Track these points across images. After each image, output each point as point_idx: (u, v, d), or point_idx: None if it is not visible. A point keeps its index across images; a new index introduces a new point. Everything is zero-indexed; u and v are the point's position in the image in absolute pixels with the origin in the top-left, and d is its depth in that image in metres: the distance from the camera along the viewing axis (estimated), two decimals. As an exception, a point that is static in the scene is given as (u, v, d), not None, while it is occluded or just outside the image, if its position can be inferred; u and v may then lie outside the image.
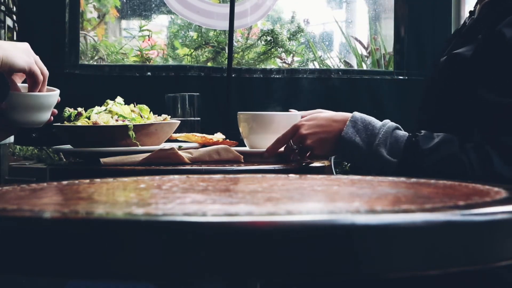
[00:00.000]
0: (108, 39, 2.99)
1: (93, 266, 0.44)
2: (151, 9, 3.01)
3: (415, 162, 1.11)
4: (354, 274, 0.46)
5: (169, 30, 3.03)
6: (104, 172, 1.26)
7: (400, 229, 0.45)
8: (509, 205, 0.53)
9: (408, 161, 1.11)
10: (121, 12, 3.05)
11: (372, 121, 1.18)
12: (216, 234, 0.43)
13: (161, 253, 0.43)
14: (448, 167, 1.09)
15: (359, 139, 1.16)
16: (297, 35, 2.70)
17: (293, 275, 0.44)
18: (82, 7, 2.64)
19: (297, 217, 0.45)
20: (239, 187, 0.72)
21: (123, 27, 3.24)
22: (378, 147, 1.13)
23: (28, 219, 0.47)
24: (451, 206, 0.52)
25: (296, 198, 0.62)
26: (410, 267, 0.46)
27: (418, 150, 1.10)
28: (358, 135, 1.17)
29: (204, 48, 2.70)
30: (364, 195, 0.62)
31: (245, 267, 0.43)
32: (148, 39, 2.75)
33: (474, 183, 0.70)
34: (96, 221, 0.46)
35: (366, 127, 1.17)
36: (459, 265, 0.48)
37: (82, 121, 1.39)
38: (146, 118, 1.39)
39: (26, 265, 0.45)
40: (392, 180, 0.81)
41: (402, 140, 1.13)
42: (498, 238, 0.49)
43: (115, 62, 2.68)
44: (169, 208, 0.51)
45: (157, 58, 2.86)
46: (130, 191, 0.70)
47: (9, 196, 0.64)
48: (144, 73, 2.35)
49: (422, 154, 1.10)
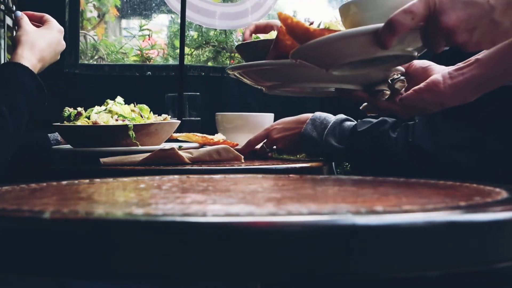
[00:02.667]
0: (108, 38, 2.99)
1: (93, 266, 0.44)
2: (151, 9, 3.00)
3: (354, 144, 1.27)
4: (354, 275, 0.45)
5: (169, 30, 3.03)
6: (104, 172, 1.26)
7: (401, 229, 0.45)
8: (511, 206, 0.52)
9: (352, 146, 1.27)
10: (121, 11, 3.04)
11: (327, 117, 1.34)
12: (216, 234, 0.43)
13: (161, 254, 0.43)
14: (378, 145, 1.23)
15: (316, 133, 1.33)
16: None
17: (294, 275, 0.44)
18: (82, 6, 2.64)
19: (298, 217, 0.45)
20: (239, 187, 0.72)
21: (123, 26, 3.23)
22: (327, 137, 1.31)
23: (28, 219, 0.47)
24: (452, 206, 0.51)
25: (297, 198, 0.62)
26: (411, 268, 0.46)
27: (355, 133, 1.27)
28: (315, 130, 1.33)
29: (204, 47, 2.70)
30: (365, 196, 0.62)
31: (245, 268, 0.43)
32: (148, 38, 2.75)
33: (476, 184, 0.70)
34: (96, 221, 0.46)
35: (321, 123, 1.33)
36: (460, 266, 0.48)
37: (82, 121, 1.39)
38: (146, 118, 1.39)
39: (26, 265, 0.45)
40: (393, 181, 0.81)
41: (348, 128, 1.30)
42: (500, 238, 0.49)
43: (115, 62, 2.68)
44: (169, 208, 0.51)
45: (157, 58, 2.86)
46: (130, 191, 0.70)
47: (8, 196, 0.64)
48: (144, 73, 2.35)
49: (359, 136, 1.26)
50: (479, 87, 0.94)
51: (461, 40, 0.79)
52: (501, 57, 0.91)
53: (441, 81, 0.94)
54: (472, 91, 0.94)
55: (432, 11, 0.78)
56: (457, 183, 0.72)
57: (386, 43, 0.80)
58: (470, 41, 0.79)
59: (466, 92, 0.94)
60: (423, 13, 0.78)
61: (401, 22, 0.78)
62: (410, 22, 0.78)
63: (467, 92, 0.94)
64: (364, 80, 1.02)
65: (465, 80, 0.93)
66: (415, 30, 0.81)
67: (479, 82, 0.93)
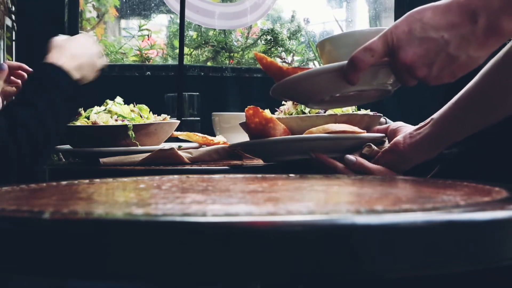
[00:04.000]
0: (108, 38, 2.99)
1: (93, 266, 0.44)
2: (150, 9, 3.00)
3: None
4: (354, 274, 0.45)
5: (168, 30, 3.04)
6: (104, 172, 1.26)
7: (401, 229, 0.45)
8: (511, 205, 0.52)
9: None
10: (120, 11, 3.04)
11: None
12: (216, 234, 0.43)
13: (160, 254, 0.43)
14: None
15: None
16: (297, 34, 2.70)
17: (294, 275, 0.44)
18: (81, 7, 2.64)
19: (297, 217, 0.45)
20: (239, 187, 0.72)
21: (123, 26, 3.23)
22: None
23: (28, 219, 0.47)
24: (452, 205, 0.51)
25: (296, 198, 0.62)
26: (411, 267, 0.46)
27: None
28: None
29: (203, 47, 2.70)
30: (364, 195, 0.62)
31: (245, 268, 0.43)
32: (148, 38, 2.75)
33: (475, 183, 0.70)
34: (96, 222, 0.46)
35: None
36: (460, 265, 0.48)
37: (81, 121, 1.39)
38: (145, 118, 1.39)
39: (26, 265, 0.45)
40: (393, 180, 0.81)
41: None
42: (500, 238, 0.49)
43: (114, 62, 2.68)
44: (169, 208, 0.51)
45: (157, 58, 2.86)
46: (130, 191, 0.70)
47: (8, 196, 0.64)
48: (144, 73, 2.35)
49: None
50: (437, 145, 0.97)
51: (421, 75, 0.81)
52: (451, 117, 0.94)
53: (401, 142, 0.99)
54: (431, 148, 0.97)
55: (391, 48, 0.81)
56: (457, 182, 0.72)
57: (351, 79, 0.84)
58: (430, 75, 0.81)
59: (424, 150, 0.98)
60: (382, 49, 0.82)
61: (361, 60, 0.82)
62: (370, 59, 0.82)
63: (425, 149, 0.98)
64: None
65: (421, 139, 0.97)
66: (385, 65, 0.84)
67: (435, 140, 0.96)
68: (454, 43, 0.77)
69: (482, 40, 0.76)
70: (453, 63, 0.79)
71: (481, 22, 0.75)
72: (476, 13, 0.75)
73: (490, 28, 0.75)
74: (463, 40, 0.77)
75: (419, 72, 0.81)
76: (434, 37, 0.78)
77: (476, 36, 0.76)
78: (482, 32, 0.75)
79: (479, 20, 0.75)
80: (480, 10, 0.75)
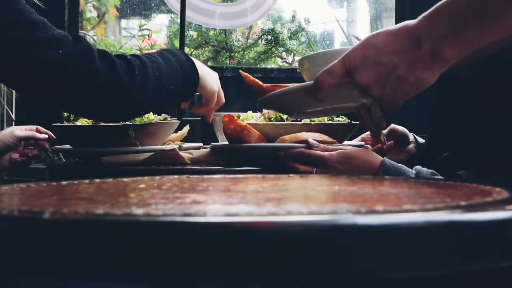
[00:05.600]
0: (108, 38, 2.99)
1: (93, 266, 0.44)
2: (150, 8, 3.00)
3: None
4: (354, 275, 0.45)
5: (169, 30, 3.03)
6: (104, 172, 1.26)
7: (401, 229, 0.45)
8: (511, 205, 0.52)
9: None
10: (121, 11, 3.04)
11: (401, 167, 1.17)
12: (216, 234, 0.43)
13: (161, 254, 0.43)
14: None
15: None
16: (298, 34, 2.70)
17: (294, 275, 0.43)
18: (81, 6, 2.64)
19: (298, 217, 0.45)
20: (239, 187, 0.72)
21: (123, 26, 3.23)
22: None
23: (28, 219, 0.47)
24: (452, 206, 0.51)
25: (297, 198, 0.62)
26: (411, 267, 0.46)
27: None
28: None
29: (204, 47, 2.70)
30: (365, 195, 0.62)
31: (245, 268, 0.43)
32: (148, 38, 2.75)
33: (476, 183, 0.70)
34: (96, 222, 0.45)
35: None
36: (460, 266, 0.48)
37: (82, 121, 1.39)
38: (145, 118, 1.39)
39: (26, 265, 0.45)
40: (393, 180, 0.81)
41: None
42: (500, 238, 0.49)
43: (115, 62, 2.67)
44: (169, 208, 0.51)
45: (157, 58, 2.85)
46: (130, 191, 0.70)
47: (8, 197, 0.64)
48: (144, 73, 2.34)
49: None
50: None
51: (376, 95, 0.87)
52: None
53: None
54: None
55: (349, 70, 0.88)
56: (458, 183, 0.72)
57: (318, 98, 0.92)
58: (385, 95, 0.87)
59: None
60: (341, 72, 0.89)
61: (323, 81, 0.90)
62: (331, 80, 0.90)
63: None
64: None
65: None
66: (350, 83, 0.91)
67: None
68: (403, 67, 0.83)
69: (428, 64, 0.81)
70: (403, 84, 0.84)
71: (425, 48, 0.80)
72: (421, 39, 0.80)
73: (433, 53, 0.79)
74: (410, 64, 0.82)
75: (374, 92, 0.87)
76: (385, 61, 0.84)
77: (422, 60, 0.81)
78: (427, 57, 0.80)
79: (424, 46, 0.80)
80: (424, 37, 0.80)
